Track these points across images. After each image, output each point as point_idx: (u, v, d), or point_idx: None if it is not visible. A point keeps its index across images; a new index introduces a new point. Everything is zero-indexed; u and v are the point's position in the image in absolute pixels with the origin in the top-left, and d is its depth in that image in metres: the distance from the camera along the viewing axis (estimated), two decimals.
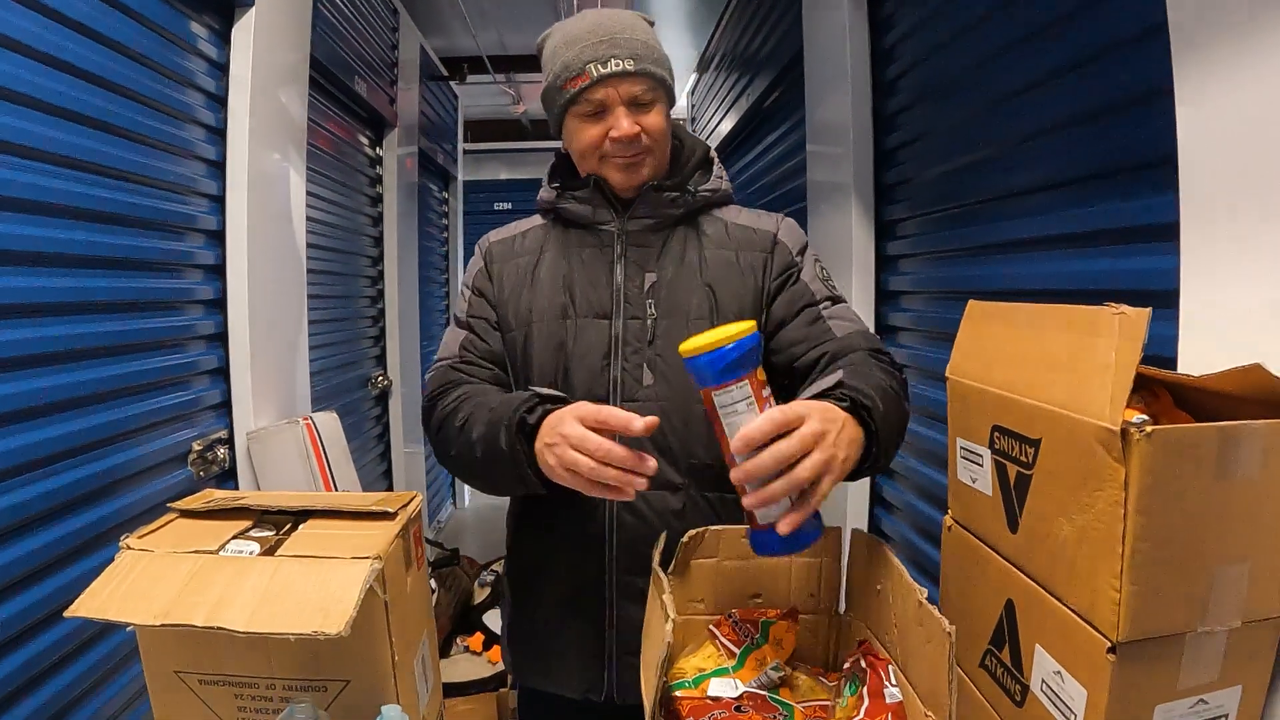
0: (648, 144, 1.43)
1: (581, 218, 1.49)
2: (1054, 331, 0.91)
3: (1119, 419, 0.76)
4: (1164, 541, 0.79)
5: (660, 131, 1.45)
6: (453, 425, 1.35)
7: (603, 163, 1.44)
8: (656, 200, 1.47)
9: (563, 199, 1.51)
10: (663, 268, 1.45)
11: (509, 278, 1.50)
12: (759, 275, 1.47)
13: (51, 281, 1.70)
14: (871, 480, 2.76)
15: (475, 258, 1.58)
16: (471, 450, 1.29)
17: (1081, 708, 0.86)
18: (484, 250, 1.57)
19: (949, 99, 2.22)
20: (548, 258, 1.50)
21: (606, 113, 1.41)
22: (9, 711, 1.53)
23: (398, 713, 0.99)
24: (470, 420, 1.32)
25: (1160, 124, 1.32)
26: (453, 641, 3.41)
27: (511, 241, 1.56)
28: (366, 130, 4.31)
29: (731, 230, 1.51)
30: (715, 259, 1.47)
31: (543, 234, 1.54)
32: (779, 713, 1.07)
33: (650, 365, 1.41)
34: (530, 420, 1.19)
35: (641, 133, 1.41)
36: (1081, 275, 1.64)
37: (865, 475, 1.16)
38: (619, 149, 1.41)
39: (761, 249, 1.50)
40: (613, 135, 1.40)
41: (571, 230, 1.51)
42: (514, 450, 1.20)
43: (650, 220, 1.48)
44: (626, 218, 1.48)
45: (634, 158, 1.43)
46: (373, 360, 4.46)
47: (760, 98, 4.08)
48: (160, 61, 2.09)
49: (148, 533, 1.10)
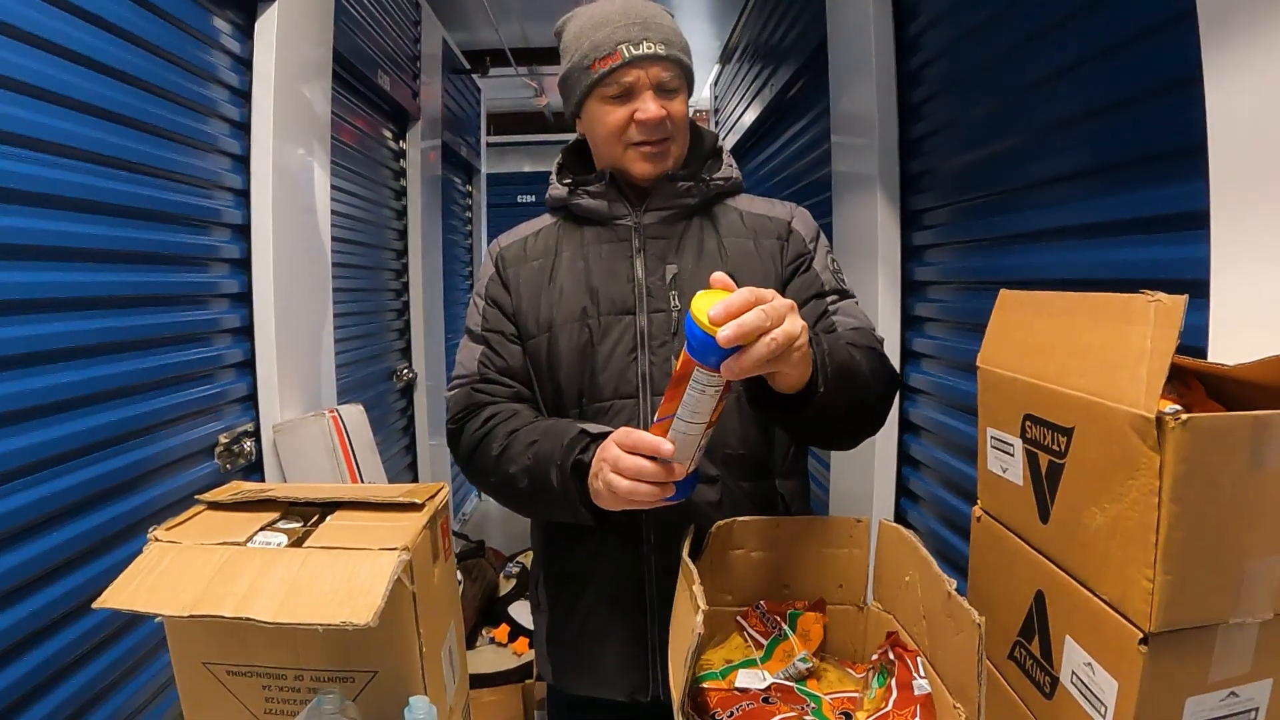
0: (672, 131, 1.42)
1: (597, 213, 1.48)
2: (1087, 320, 0.89)
3: (1154, 406, 0.74)
4: (1198, 531, 0.77)
5: (683, 120, 1.45)
6: (488, 454, 1.37)
7: (627, 150, 1.43)
8: (672, 191, 1.46)
9: (576, 195, 1.49)
10: (683, 259, 1.44)
11: (526, 282, 1.48)
12: (776, 262, 1.47)
13: (77, 276, 1.72)
14: (898, 471, 2.75)
15: (486, 264, 1.56)
16: (513, 482, 1.32)
17: (1112, 700, 0.85)
18: (495, 256, 1.55)
19: (974, 88, 2.19)
20: (564, 258, 1.48)
21: (633, 96, 1.40)
22: (41, 701, 1.54)
23: (425, 704, 0.99)
24: (508, 452, 1.34)
25: (1190, 111, 1.30)
26: (478, 633, 3.43)
27: (524, 244, 1.54)
28: (390, 124, 4.32)
29: (747, 218, 1.51)
30: (734, 247, 1.46)
31: (556, 233, 1.52)
32: (807, 704, 1.07)
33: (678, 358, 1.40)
34: (586, 460, 1.22)
35: (667, 118, 1.40)
36: (1110, 265, 1.62)
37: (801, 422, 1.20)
38: (645, 133, 1.40)
39: (777, 236, 1.49)
40: (639, 117, 1.39)
41: (586, 227, 1.50)
42: (566, 489, 1.23)
43: (667, 212, 1.47)
44: (643, 211, 1.47)
45: (659, 145, 1.42)
46: (398, 353, 4.47)
47: (783, 89, 4.06)
48: (184, 57, 2.10)
49: (176, 525, 1.10)
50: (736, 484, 1.42)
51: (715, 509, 1.37)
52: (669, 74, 1.40)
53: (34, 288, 1.59)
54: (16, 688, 1.49)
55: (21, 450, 1.54)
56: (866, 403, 1.30)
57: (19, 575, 1.52)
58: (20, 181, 1.55)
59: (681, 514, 1.35)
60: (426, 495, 1.19)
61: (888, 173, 2.66)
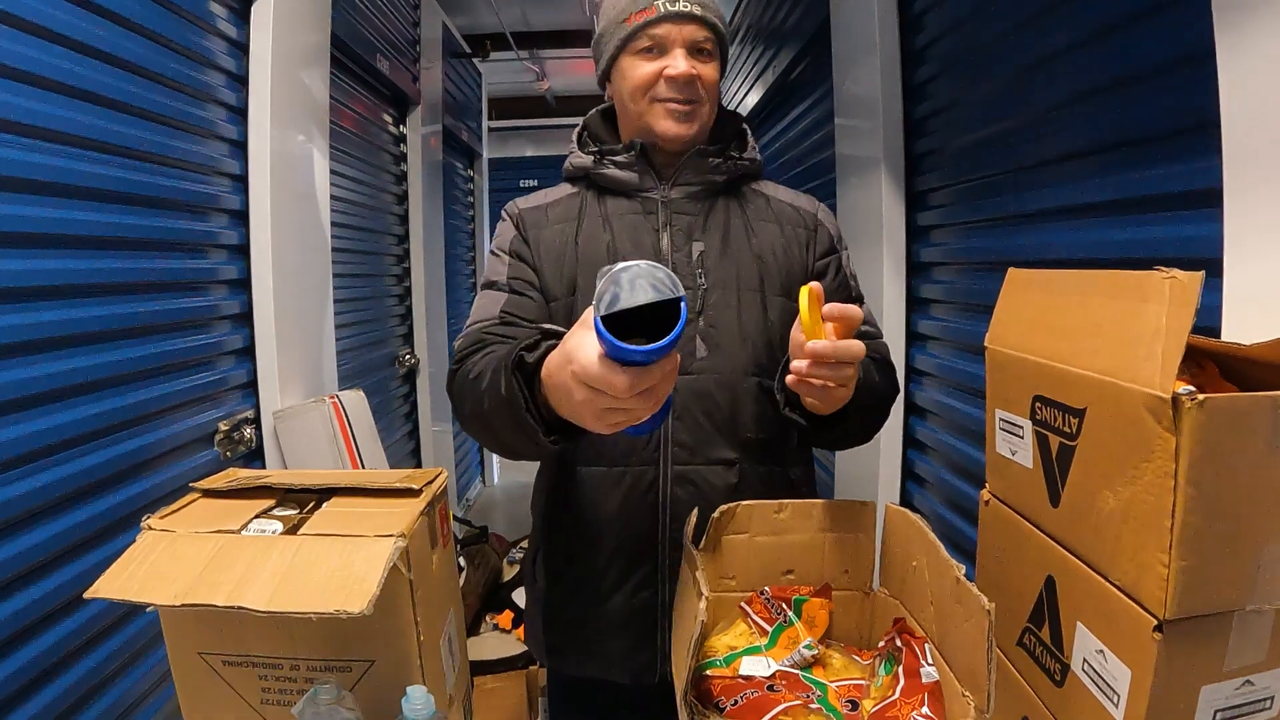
0: (702, 94, 1.40)
1: (623, 184, 1.46)
2: (1099, 298, 0.87)
3: (1170, 387, 0.72)
4: (1214, 515, 0.75)
5: (714, 85, 1.43)
6: (467, 380, 1.25)
7: (652, 106, 1.41)
8: (701, 166, 1.44)
9: (602, 164, 1.47)
10: (709, 237, 1.43)
11: (546, 246, 1.45)
12: (803, 251, 1.47)
13: (73, 263, 1.70)
14: (903, 455, 2.74)
15: (505, 224, 1.51)
16: (480, 403, 1.18)
17: (1125, 688, 0.83)
18: (515, 216, 1.50)
19: (981, 66, 2.16)
20: (587, 226, 1.45)
21: (665, 52, 1.38)
22: (38, 694, 1.53)
23: (423, 693, 0.97)
24: (483, 371, 1.20)
25: (1202, 87, 1.28)
26: (482, 619, 3.42)
27: (544, 210, 1.50)
28: (390, 108, 4.29)
29: (773, 204, 1.50)
30: (761, 231, 1.45)
31: (577, 202, 1.49)
32: (812, 692, 1.05)
33: (703, 337, 1.38)
34: (529, 359, 1.07)
35: (698, 79, 1.38)
36: (1120, 244, 1.60)
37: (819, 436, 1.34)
38: (674, 89, 1.38)
39: (805, 226, 1.49)
40: (669, 73, 1.37)
41: (608, 198, 1.47)
42: (512, 396, 1.07)
43: (694, 187, 1.45)
44: (670, 185, 1.45)
45: (686, 106, 1.40)
46: (400, 339, 4.46)
47: (786, 71, 4.03)
48: (179, 41, 2.08)
49: (169, 513, 1.09)
50: (754, 468, 1.41)
51: (733, 492, 1.36)
52: (703, 35, 1.39)
53: (30, 275, 1.57)
54: (14, 680, 1.48)
55: (19, 439, 1.53)
56: (877, 420, 1.40)
57: (16, 565, 1.50)
58: (16, 169, 1.53)
59: (699, 494, 1.35)
60: (424, 481, 1.18)
61: (892, 153, 2.63)
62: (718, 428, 1.38)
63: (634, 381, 0.83)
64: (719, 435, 1.38)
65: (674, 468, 1.37)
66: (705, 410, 1.37)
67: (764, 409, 1.41)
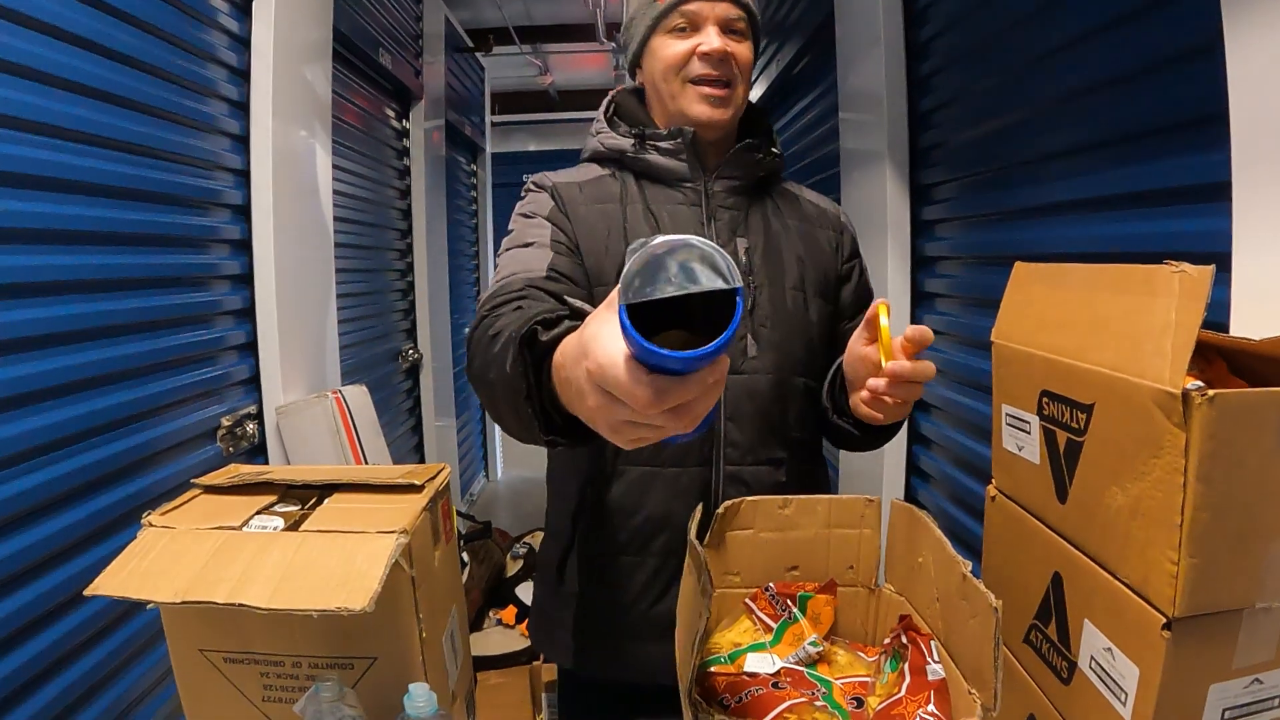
0: (736, 73, 1.37)
1: (668, 173, 1.41)
2: (1108, 292, 0.86)
3: (1180, 382, 0.71)
4: (1224, 512, 0.75)
5: (747, 66, 1.39)
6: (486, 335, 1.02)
7: (685, 89, 1.37)
8: (746, 161, 1.41)
9: (644, 149, 1.41)
10: (752, 235, 1.40)
11: (586, 226, 1.36)
12: (834, 253, 1.46)
13: (75, 258, 1.69)
14: (908, 449, 2.73)
15: (538, 194, 1.40)
16: (488, 369, 0.97)
17: (1133, 686, 0.82)
18: (549, 187, 1.41)
19: (986, 59, 2.15)
20: (633, 212, 1.39)
21: (698, 30, 1.35)
22: (40, 691, 1.53)
23: (425, 691, 0.97)
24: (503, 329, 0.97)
25: (1210, 79, 1.27)
26: (485, 615, 3.42)
27: (578, 187, 1.41)
28: (392, 103, 4.28)
29: (803, 204, 1.49)
30: (799, 230, 1.44)
31: (615, 185, 1.42)
32: (817, 689, 1.04)
33: (754, 335, 1.36)
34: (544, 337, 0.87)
35: (732, 58, 1.35)
36: (1127, 238, 1.59)
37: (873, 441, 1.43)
38: (707, 66, 1.34)
39: (834, 228, 1.49)
40: (702, 50, 1.33)
41: (648, 184, 1.42)
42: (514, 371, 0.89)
43: (736, 181, 1.42)
44: (714, 177, 1.41)
45: (720, 88, 1.36)
46: (403, 334, 4.46)
47: (789, 65, 4.01)
48: (180, 35, 2.07)
49: (170, 509, 1.08)
50: (797, 466, 1.41)
51: (780, 491, 1.32)
52: (735, 13, 1.36)
53: (30, 271, 1.56)
54: (16, 677, 1.47)
55: (20, 435, 1.52)
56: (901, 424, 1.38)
57: (18, 562, 1.50)
58: (16, 164, 1.52)
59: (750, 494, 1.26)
60: (426, 476, 1.17)
61: (897, 147, 2.62)
62: (770, 428, 1.36)
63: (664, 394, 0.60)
64: (771, 435, 1.36)
65: (726, 468, 1.35)
66: (758, 410, 1.35)
67: (807, 409, 1.41)
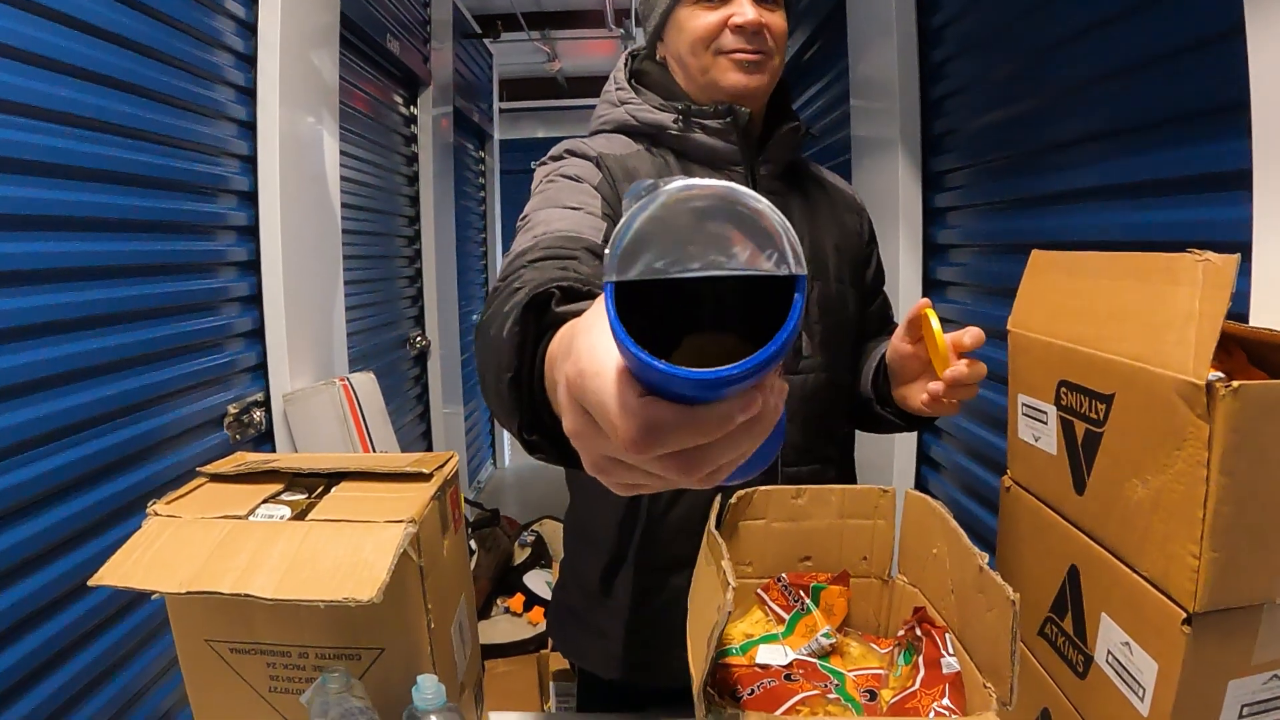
0: (771, 45, 1.25)
1: (716, 155, 1.30)
2: (1128, 281, 0.85)
3: (1204, 372, 0.70)
4: (1246, 505, 0.73)
5: (783, 37, 1.27)
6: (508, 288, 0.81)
7: (716, 60, 1.25)
8: (791, 143, 1.33)
9: (690, 128, 1.29)
10: (797, 222, 1.30)
11: None
12: (858, 238, 1.42)
13: (79, 245, 1.68)
14: (919, 438, 2.72)
15: (582, 162, 1.26)
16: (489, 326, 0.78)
17: (1151, 681, 0.81)
18: (595, 156, 1.27)
19: (1000, 45, 2.13)
20: None
21: (729, 1, 1.23)
22: (45, 680, 1.52)
23: (434, 682, 0.96)
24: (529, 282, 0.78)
25: (1230, 66, 1.25)
26: (493, 603, 3.42)
27: (621, 160, 1.27)
28: (400, 89, 4.26)
29: (828, 187, 1.43)
30: (833, 216, 1.39)
31: (660, 164, 1.30)
32: (830, 681, 1.03)
33: (808, 332, 1.30)
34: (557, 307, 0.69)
35: (766, 29, 1.23)
36: (1143, 227, 1.57)
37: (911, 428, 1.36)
38: (739, 40, 1.23)
39: (855, 210, 1.45)
40: (735, 21, 1.22)
41: (692, 165, 1.31)
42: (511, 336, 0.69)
43: (778, 165, 1.34)
44: (761, 160, 1.32)
45: (755, 55, 1.24)
46: (411, 320, 4.45)
47: (799, 52, 3.99)
48: (187, 21, 2.05)
49: (176, 498, 1.07)
50: (841, 462, 1.38)
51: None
52: None
53: (33, 258, 1.55)
54: (20, 667, 1.47)
55: (25, 423, 1.51)
56: None
57: (23, 551, 1.49)
58: (20, 150, 1.51)
59: None
60: (435, 465, 1.16)
61: (909, 134, 2.59)
62: (826, 428, 1.33)
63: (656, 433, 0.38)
64: (825, 435, 1.34)
65: (784, 469, 1.31)
66: (816, 412, 1.30)
67: (850, 404, 1.38)
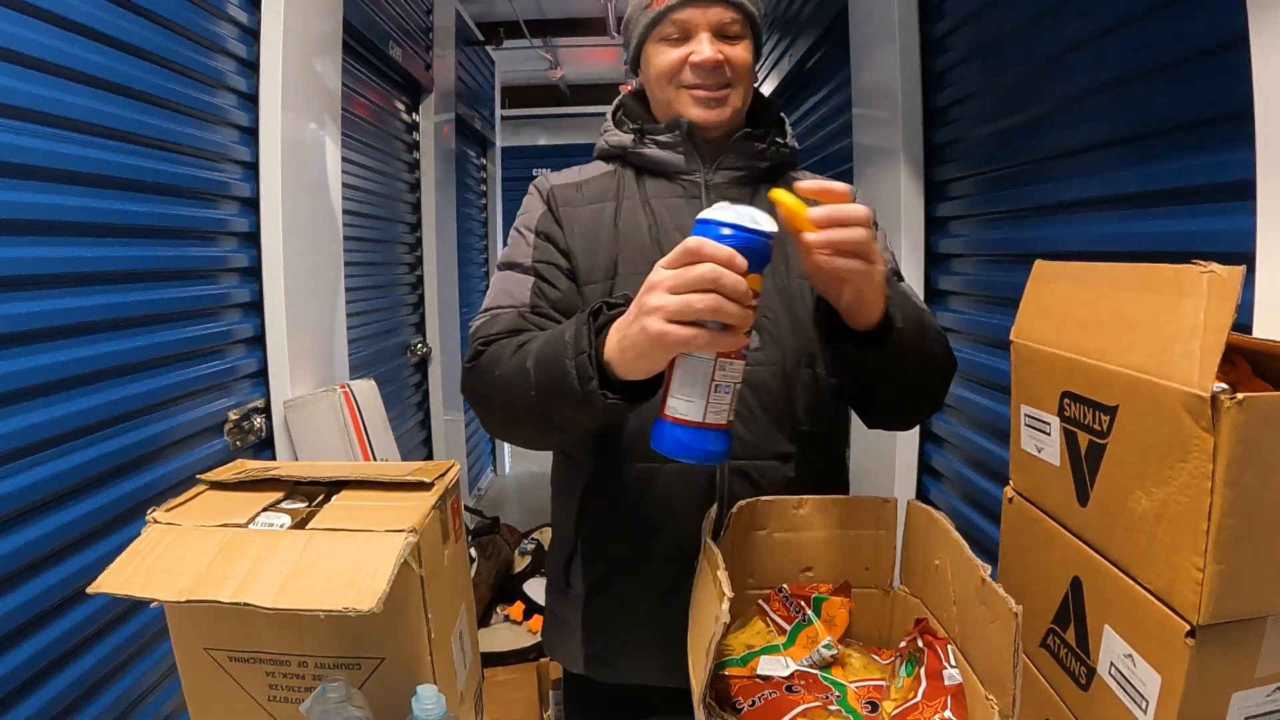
0: (730, 77, 1.33)
1: (666, 166, 1.38)
2: (1133, 292, 0.84)
3: (1209, 385, 0.70)
4: (1251, 518, 0.73)
5: (745, 67, 1.34)
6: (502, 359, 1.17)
7: (679, 94, 1.34)
8: (747, 150, 1.38)
9: (642, 143, 1.39)
10: None
11: (580, 224, 1.37)
12: None
13: (81, 251, 1.69)
14: (920, 448, 2.71)
15: (534, 199, 1.42)
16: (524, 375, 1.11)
17: (1155, 694, 0.80)
18: (546, 191, 1.41)
19: (1003, 54, 2.13)
20: (626, 207, 1.38)
21: (690, 38, 1.32)
22: (43, 687, 1.52)
23: (434, 693, 0.95)
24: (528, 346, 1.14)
25: (1234, 76, 1.25)
26: (493, 611, 3.41)
27: (575, 187, 1.41)
28: (403, 96, 4.28)
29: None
30: None
31: (612, 182, 1.41)
32: (831, 693, 1.03)
33: (756, 327, 1.28)
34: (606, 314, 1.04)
35: (725, 63, 1.31)
36: (1146, 237, 1.57)
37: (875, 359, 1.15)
38: (699, 77, 1.31)
39: None
40: (693, 60, 1.30)
41: (647, 179, 1.40)
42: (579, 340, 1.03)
43: (738, 172, 1.38)
44: (714, 168, 1.38)
45: (716, 92, 1.33)
46: (412, 327, 4.46)
47: (802, 60, 3.99)
48: (190, 27, 2.06)
49: (175, 505, 1.07)
50: (810, 461, 1.36)
51: (790, 487, 1.30)
52: (729, 17, 1.31)
53: (35, 263, 1.56)
54: (18, 673, 1.47)
55: (26, 429, 1.52)
56: (935, 364, 1.27)
57: (22, 558, 1.49)
58: (23, 156, 1.51)
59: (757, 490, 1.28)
60: (436, 474, 1.15)
61: (911, 143, 2.60)
62: (775, 420, 1.32)
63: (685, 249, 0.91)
64: (776, 428, 1.33)
65: (731, 462, 1.31)
66: (761, 402, 1.32)
67: (817, 400, 1.36)
